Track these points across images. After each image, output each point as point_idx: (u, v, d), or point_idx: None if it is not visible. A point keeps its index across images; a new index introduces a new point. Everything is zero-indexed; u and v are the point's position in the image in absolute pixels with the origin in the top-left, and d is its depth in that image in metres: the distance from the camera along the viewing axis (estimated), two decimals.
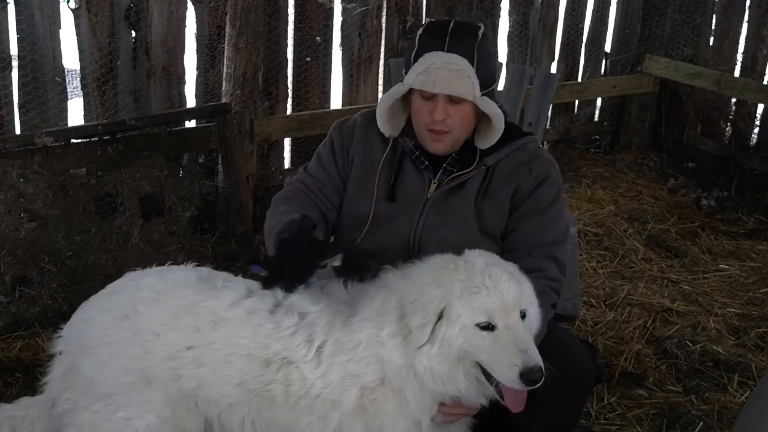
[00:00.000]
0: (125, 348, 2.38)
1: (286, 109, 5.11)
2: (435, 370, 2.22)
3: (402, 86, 2.61)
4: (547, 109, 4.36)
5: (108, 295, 2.52)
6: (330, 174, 2.82)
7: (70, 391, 2.44)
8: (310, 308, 2.38)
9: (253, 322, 2.37)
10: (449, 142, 2.63)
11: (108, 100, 4.44)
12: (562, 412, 2.58)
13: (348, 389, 2.30)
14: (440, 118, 2.55)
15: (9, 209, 3.95)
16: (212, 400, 2.37)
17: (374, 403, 2.31)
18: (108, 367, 2.38)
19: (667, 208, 5.69)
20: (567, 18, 6.28)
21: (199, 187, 4.62)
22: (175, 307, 2.41)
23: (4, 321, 3.84)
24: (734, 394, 3.63)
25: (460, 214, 2.66)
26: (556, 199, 2.69)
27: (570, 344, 2.65)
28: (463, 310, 2.20)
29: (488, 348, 2.19)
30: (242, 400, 2.35)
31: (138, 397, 2.36)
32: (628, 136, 6.75)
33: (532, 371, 2.15)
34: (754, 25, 6.32)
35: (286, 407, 2.33)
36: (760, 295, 4.57)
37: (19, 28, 4.11)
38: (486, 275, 2.23)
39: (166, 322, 2.39)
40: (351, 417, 2.31)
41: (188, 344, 2.37)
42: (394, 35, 5.35)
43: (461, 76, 2.52)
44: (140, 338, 2.38)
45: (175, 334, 2.38)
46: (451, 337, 2.20)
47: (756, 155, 6.07)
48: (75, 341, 2.47)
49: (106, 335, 2.40)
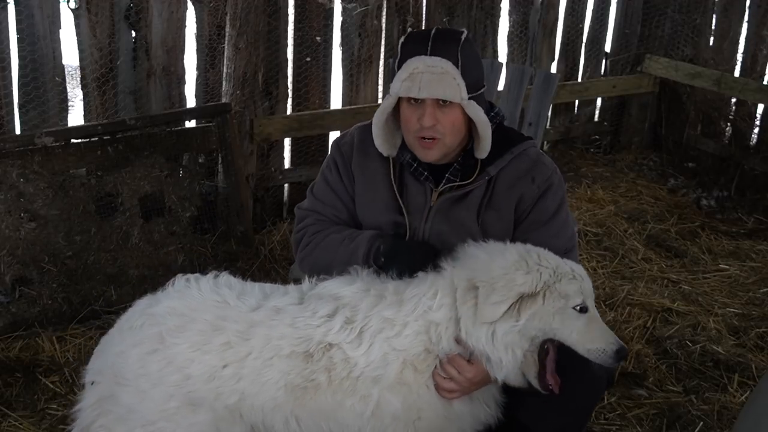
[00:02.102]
0: (164, 377, 2.36)
1: (286, 109, 5.11)
2: (506, 342, 2.32)
3: (390, 98, 2.58)
4: (548, 109, 4.36)
5: (131, 330, 2.46)
6: (339, 193, 2.81)
7: (104, 418, 2.40)
8: (343, 291, 2.41)
9: (287, 317, 2.39)
10: (440, 150, 2.59)
11: (108, 100, 4.44)
12: (572, 415, 2.59)
13: (390, 363, 2.34)
14: (429, 124, 2.52)
15: (9, 209, 3.95)
16: (256, 407, 2.36)
17: (417, 374, 2.37)
18: (149, 396, 2.35)
19: (667, 208, 5.69)
20: (567, 18, 6.28)
21: (199, 187, 4.61)
22: (202, 329, 2.39)
23: (4, 321, 3.84)
24: (734, 394, 3.63)
25: (463, 225, 2.65)
26: (561, 207, 2.69)
27: None
28: (562, 293, 2.33)
29: (582, 328, 2.34)
30: (286, 399, 2.35)
31: (183, 421, 2.35)
32: (628, 136, 6.75)
33: (624, 350, 2.36)
34: (754, 25, 6.32)
35: (329, 392, 2.34)
36: (760, 295, 4.57)
37: (19, 28, 4.11)
38: (569, 265, 2.41)
39: (198, 346, 2.37)
40: (389, 392, 2.35)
41: (224, 363, 2.35)
42: (394, 35, 5.35)
43: (446, 78, 2.49)
44: (176, 366, 2.36)
45: (209, 356, 2.36)
46: (543, 316, 2.32)
47: (756, 155, 6.07)
48: (107, 373, 2.43)
49: (142, 367, 2.37)
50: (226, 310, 2.43)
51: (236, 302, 2.44)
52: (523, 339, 2.34)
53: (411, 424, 2.39)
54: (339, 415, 2.37)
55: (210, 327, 2.39)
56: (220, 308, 2.43)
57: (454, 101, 2.51)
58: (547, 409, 2.53)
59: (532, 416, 2.56)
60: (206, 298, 2.46)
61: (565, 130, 6.52)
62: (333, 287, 2.45)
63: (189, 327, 2.40)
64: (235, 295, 2.46)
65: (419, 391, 2.38)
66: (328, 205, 2.81)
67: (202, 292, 2.48)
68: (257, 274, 4.40)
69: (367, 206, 2.76)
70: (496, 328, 2.32)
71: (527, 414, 2.56)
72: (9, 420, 3.28)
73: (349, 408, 2.36)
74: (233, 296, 2.46)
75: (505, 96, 4.32)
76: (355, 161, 2.78)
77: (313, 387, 2.35)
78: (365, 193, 2.76)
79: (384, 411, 2.36)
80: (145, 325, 2.44)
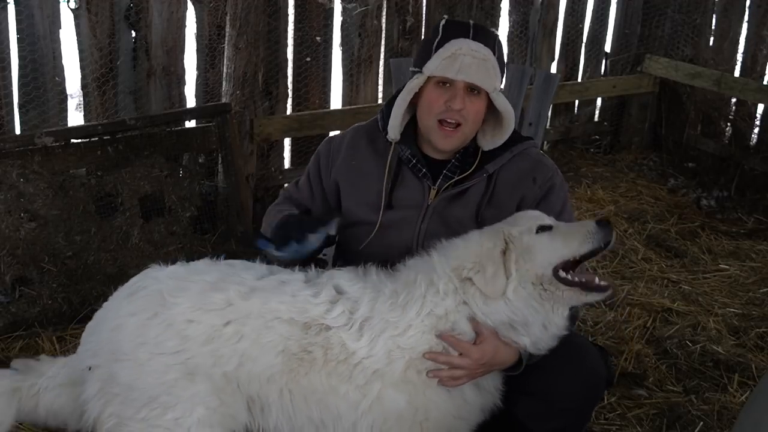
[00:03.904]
0: (161, 343, 2.33)
1: (286, 109, 5.11)
2: (521, 299, 2.36)
3: (421, 77, 2.56)
4: (548, 109, 4.35)
5: (129, 298, 2.45)
6: (314, 190, 2.87)
7: (112, 405, 2.37)
8: (346, 286, 2.42)
9: (289, 289, 2.40)
10: (459, 138, 2.59)
11: (108, 100, 4.44)
12: (572, 415, 2.59)
13: (395, 361, 2.33)
14: (459, 107, 2.52)
15: (9, 209, 3.95)
16: (254, 375, 2.34)
17: (422, 375, 2.36)
18: (146, 369, 2.33)
19: (667, 208, 5.69)
20: (567, 18, 6.28)
21: (199, 187, 4.61)
22: (203, 288, 2.39)
23: (4, 321, 3.84)
24: (734, 394, 3.63)
25: (460, 222, 2.65)
26: (564, 208, 2.69)
27: (583, 348, 2.64)
28: (522, 229, 2.40)
29: (559, 238, 2.38)
30: (283, 369, 2.33)
31: (183, 393, 2.33)
32: (628, 136, 6.75)
33: (602, 220, 2.38)
34: (754, 25, 6.32)
35: (323, 372, 2.33)
36: (760, 295, 4.57)
37: (19, 28, 4.11)
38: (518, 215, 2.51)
39: (198, 305, 2.36)
40: (394, 389, 2.34)
41: (225, 320, 2.34)
42: (394, 35, 5.35)
43: (486, 66, 2.52)
44: (175, 329, 2.34)
45: (210, 315, 2.35)
46: (524, 255, 2.36)
47: (756, 155, 6.07)
48: (104, 352, 2.40)
49: (140, 335, 2.35)
50: (229, 273, 2.44)
51: (241, 270, 2.47)
52: (530, 286, 2.37)
53: (417, 425, 2.37)
54: (331, 401, 2.34)
55: (211, 286, 2.39)
56: (223, 272, 2.44)
57: (487, 89, 2.53)
58: (547, 409, 2.53)
59: (532, 416, 2.56)
60: (210, 264, 2.51)
61: (565, 130, 6.52)
62: (335, 280, 2.44)
63: (190, 287, 2.39)
64: (242, 266, 2.50)
65: (426, 391, 2.37)
66: (301, 192, 2.89)
67: (205, 263, 2.52)
68: None
69: (353, 201, 2.77)
70: (507, 294, 2.36)
71: (527, 414, 2.56)
72: None
73: (343, 395, 2.34)
74: (239, 266, 2.49)
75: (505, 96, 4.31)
76: (341, 160, 2.79)
77: (309, 360, 2.33)
78: (354, 189, 2.77)
79: (387, 408, 2.34)
80: (142, 290, 2.43)
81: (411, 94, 2.60)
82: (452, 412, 2.41)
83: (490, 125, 2.66)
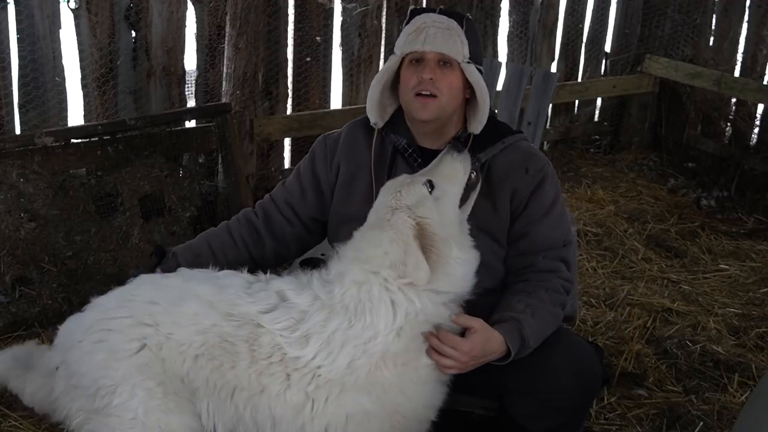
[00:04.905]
0: (94, 328, 2.40)
1: (286, 109, 5.11)
2: (459, 261, 2.36)
3: (393, 57, 2.63)
4: (547, 107, 4.36)
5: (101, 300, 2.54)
6: (304, 189, 2.85)
7: (77, 400, 2.42)
8: (293, 297, 2.37)
9: (221, 282, 2.44)
10: (436, 109, 2.60)
11: (108, 100, 4.44)
12: (567, 414, 2.58)
13: (358, 369, 2.28)
14: (428, 76, 2.56)
15: (9, 209, 3.95)
16: (178, 352, 2.33)
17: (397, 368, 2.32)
18: (84, 351, 2.39)
19: (667, 208, 5.69)
20: (567, 18, 6.28)
21: (199, 187, 4.61)
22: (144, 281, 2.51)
23: (4, 321, 3.84)
24: (734, 394, 3.63)
25: None
26: (556, 200, 2.70)
27: (578, 347, 2.64)
28: (417, 197, 2.37)
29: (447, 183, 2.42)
30: (205, 352, 2.32)
31: (115, 374, 2.34)
32: (628, 136, 6.75)
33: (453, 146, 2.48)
34: (754, 25, 6.32)
35: (252, 370, 2.30)
36: (760, 295, 4.57)
37: (19, 28, 4.11)
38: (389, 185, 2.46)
39: (130, 291, 2.47)
40: (357, 392, 2.30)
41: (147, 299, 2.40)
42: (394, 35, 5.34)
43: (451, 35, 2.56)
44: (108, 315, 2.42)
45: (137, 299, 2.42)
46: (442, 218, 2.35)
47: (756, 155, 6.07)
48: (61, 347, 2.50)
49: (80, 324, 2.46)
50: (174, 276, 2.52)
51: (190, 275, 2.50)
52: (455, 238, 2.37)
53: (388, 419, 2.34)
54: (263, 402, 2.30)
55: (147, 281, 2.51)
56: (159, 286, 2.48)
57: (454, 56, 2.56)
58: (542, 408, 2.53)
59: (527, 416, 2.56)
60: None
61: (565, 130, 6.52)
62: (282, 287, 2.41)
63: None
64: (194, 274, 2.52)
65: (398, 386, 2.33)
66: (288, 191, 2.87)
67: None
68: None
69: (346, 195, 2.77)
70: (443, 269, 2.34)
71: (522, 413, 2.56)
72: (9, 420, 3.28)
73: (277, 396, 2.29)
74: (191, 274, 2.52)
75: (504, 95, 4.32)
76: (341, 150, 2.80)
77: (232, 353, 2.31)
78: (347, 181, 2.77)
79: (349, 409, 2.30)
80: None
81: (385, 75, 2.66)
82: (423, 402, 2.39)
83: (472, 110, 2.69)
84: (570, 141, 6.61)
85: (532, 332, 2.46)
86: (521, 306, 2.50)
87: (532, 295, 2.55)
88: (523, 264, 2.64)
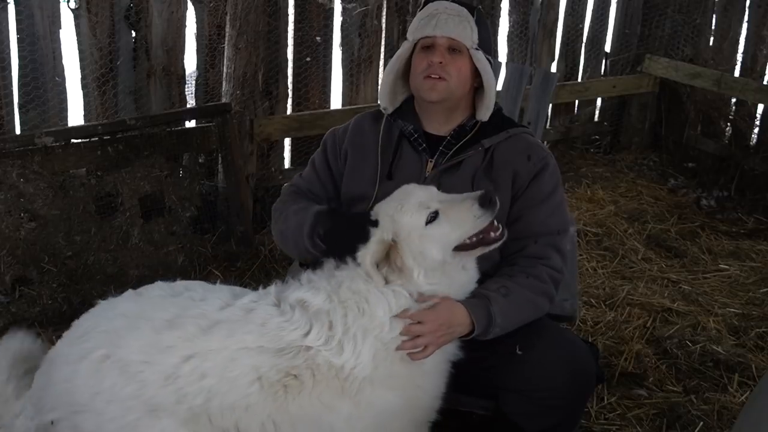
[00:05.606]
0: (118, 391, 2.23)
1: (286, 109, 5.11)
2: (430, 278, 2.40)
3: (407, 43, 2.72)
4: (547, 107, 4.36)
5: (78, 339, 2.35)
6: (321, 178, 2.90)
7: None
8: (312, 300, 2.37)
9: (257, 318, 2.33)
10: (444, 90, 2.66)
11: (108, 100, 4.44)
12: (562, 412, 2.58)
13: (381, 362, 2.32)
14: (438, 60, 2.63)
15: (9, 209, 3.95)
16: (226, 407, 2.25)
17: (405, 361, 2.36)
18: (108, 416, 2.24)
19: (667, 208, 5.69)
20: (567, 18, 6.28)
21: (199, 187, 4.62)
22: (158, 326, 2.28)
23: (4, 321, 3.84)
24: (734, 394, 3.63)
25: (456, 192, 2.67)
26: (556, 189, 2.73)
27: (573, 345, 2.64)
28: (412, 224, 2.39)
29: (447, 227, 2.39)
30: (261, 398, 2.26)
31: (149, 430, 2.24)
32: (628, 136, 6.75)
33: (484, 196, 2.40)
34: (754, 25, 6.32)
35: (314, 394, 2.27)
36: (760, 295, 4.56)
37: (19, 28, 4.11)
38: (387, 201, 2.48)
39: (153, 344, 2.25)
40: (384, 388, 2.32)
41: (183, 355, 2.24)
42: (394, 35, 5.35)
43: (462, 21, 2.64)
44: (130, 372, 2.24)
45: (165, 353, 2.25)
46: (422, 252, 2.37)
47: (756, 155, 6.07)
48: (62, 404, 2.29)
49: (93, 385, 2.25)
50: (186, 307, 2.33)
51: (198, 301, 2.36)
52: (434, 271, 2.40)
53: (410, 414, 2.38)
54: (325, 420, 2.29)
55: (167, 324, 2.28)
56: (179, 306, 2.32)
57: (464, 41, 2.63)
58: (537, 407, 2.53)
59: (523, 414, 2.56)
60: (165, 297, 2.38)
61: (565, 130, 6.52)
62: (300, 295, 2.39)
63: (142, 325, 2.28)
64: (202, 293, 2.41)
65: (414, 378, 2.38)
66: (307, 182, 2.92)
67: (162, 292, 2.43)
68: (257, 274, 4.40)
69: (354, 176, 2.81)
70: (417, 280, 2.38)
71: (517, 412, 2.57)
72: None
73: (338, 411, 2.29)
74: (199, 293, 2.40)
75: (504, 95, 4.31)
76: (349, 138, 2.86)
77: (296, 386, 2.27)
78: (355, 164, 2.82)
79: (380, 410, 2.32)
80: (89, 332, 2.32)
81: (399, 61, 2.75)
82: (434, 392, 2.43)
83: (480, 99, 2.75)
84: (570, 141, 6.61)
85: (500, 311, 2.47)
86: (495, 286, 2.54)
87: (512, 279, 2.57)
88: (515, 248, 2.65)
